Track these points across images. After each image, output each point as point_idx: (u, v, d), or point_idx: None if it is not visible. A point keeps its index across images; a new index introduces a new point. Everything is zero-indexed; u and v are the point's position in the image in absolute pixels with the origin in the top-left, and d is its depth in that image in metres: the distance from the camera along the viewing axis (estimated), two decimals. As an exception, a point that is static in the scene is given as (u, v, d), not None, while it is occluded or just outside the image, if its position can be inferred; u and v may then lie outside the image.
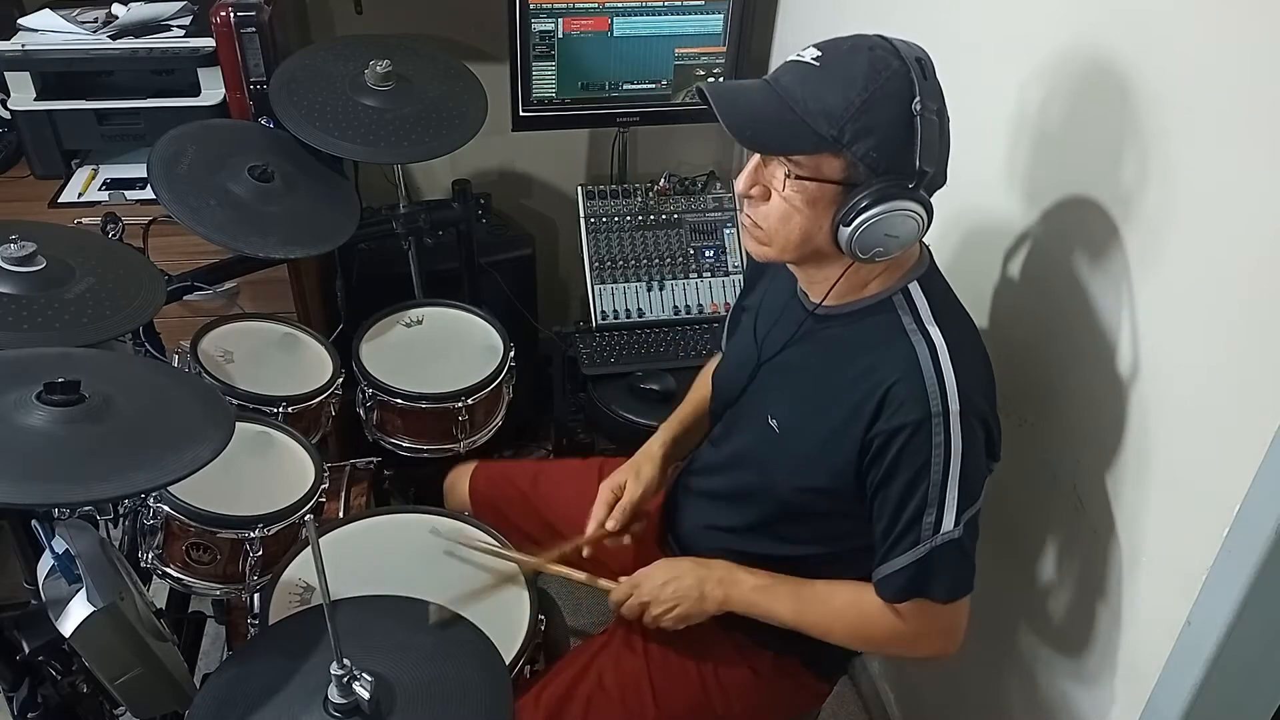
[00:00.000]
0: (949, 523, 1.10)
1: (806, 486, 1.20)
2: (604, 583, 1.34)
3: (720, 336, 1.51)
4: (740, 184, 1.12)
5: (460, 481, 1.64)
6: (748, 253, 1.19)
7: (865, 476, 1.14)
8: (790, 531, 1.28)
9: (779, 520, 1.28)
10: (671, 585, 1.27)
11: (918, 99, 1.02)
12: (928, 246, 1.19)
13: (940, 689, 1.76)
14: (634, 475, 1.39)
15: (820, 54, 1.05)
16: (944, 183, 1.10)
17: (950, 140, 1.08)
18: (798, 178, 1.06)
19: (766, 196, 1.11)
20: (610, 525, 1.36)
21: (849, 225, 1.05)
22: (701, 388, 1.50)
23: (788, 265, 1.20)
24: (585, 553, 1.36)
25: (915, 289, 1.15)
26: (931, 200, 1.08)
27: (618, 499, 1.37)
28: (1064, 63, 1.26)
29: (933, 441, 1.08)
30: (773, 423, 1.23)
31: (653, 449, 1.44)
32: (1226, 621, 1.05)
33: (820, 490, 1.19)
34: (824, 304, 1.18)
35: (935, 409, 1.07)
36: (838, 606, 1.23)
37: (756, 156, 1.11)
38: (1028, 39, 1.33)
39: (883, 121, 1.03)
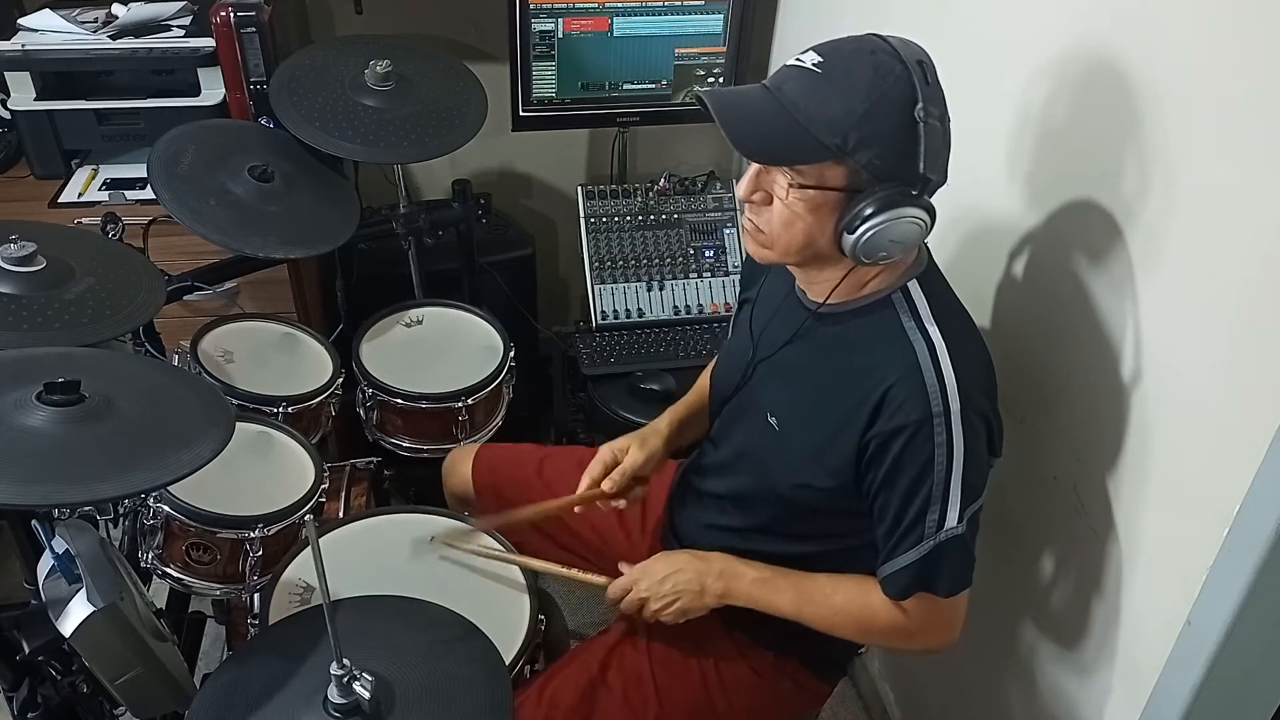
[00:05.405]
0: (952, 519, 1.10)
1: (806, 484, 1.20)
2: (596, 578, 1.33)
3: (726, 334, 1.50)
4: (742, 190, 1.12)
5: (462, 462, 1.63)
6: (748, 252, 1.19)
7: (864, 477, 1.14)
8: (792, 529, 1.28)
9: (780, 518, 1.28)
10: (671, 580, 1.26)
11: (920, 105, 1.02)
12: (926, 245, 1.19)
13: (940, 689, 1.76)
14: (639, 443, 1.38)
15: (821, 59, 1.04)
16: (944, 182, 1.09)
17: (952, 142, 1.08)
18: (801, 186, 1.06)
19: (769, 201, 1.11)
20: (607, 486, 1.34)
21: (853, 233, 1.05)
22: (706, 380, 1.50)
23: (788, 266, 1.21)
24: (576, 509, 1.36)
25: (914, 287, 1.15)
26: (933, 202, 1.08)
27: (617, 462, 1.36)
28: (1065, 62, 1.26)
29: (935, 441, 1.08)
30: (772, 420, 1.24)
31: (660, 425, 1.43)
32: (1226, 621, 1.05)
33: (820, 488, 1.19)
34: (823, 303, 1.18)
35: (936, 409, 1.07)
36: (840, 601, 1.22)
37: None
38: (1028, 38, 1.33)
39: (886, 129, 1.02)
